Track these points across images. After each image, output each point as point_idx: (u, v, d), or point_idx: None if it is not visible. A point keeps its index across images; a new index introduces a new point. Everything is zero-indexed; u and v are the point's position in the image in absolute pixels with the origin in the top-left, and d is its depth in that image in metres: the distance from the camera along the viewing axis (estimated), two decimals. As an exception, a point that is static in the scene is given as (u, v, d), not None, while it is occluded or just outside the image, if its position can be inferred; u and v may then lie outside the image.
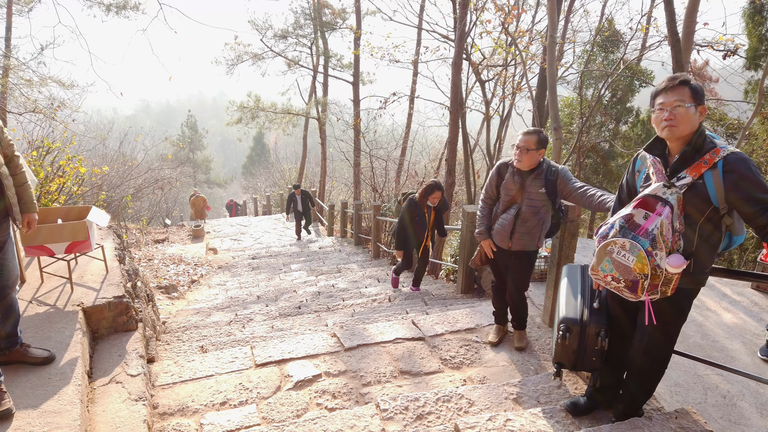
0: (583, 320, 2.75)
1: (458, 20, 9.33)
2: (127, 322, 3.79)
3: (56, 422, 2.53)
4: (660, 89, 2.28)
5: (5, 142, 2.70)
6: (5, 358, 2.93)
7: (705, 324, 4.49)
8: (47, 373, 2.91)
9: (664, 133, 2.26)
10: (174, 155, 30.05)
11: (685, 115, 2.20)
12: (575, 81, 15.70)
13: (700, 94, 2.22)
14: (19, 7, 14.00)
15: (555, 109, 7.71)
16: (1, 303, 2.87)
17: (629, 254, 2.26)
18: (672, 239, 2.23)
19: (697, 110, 2.21)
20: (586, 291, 2.87)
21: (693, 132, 2.24)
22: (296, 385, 3.50)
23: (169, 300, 7.52)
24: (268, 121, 22.50)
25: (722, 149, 2.18)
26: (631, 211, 2.31)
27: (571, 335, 2.75)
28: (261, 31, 20.73)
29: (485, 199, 3.92)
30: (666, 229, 2.21)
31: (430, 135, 23.60)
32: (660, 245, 2.20)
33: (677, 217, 2.23)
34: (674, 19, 6.17)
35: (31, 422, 2.52)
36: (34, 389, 2.78)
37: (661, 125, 2.25)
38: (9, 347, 2.95)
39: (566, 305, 2.86)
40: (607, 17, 14.78)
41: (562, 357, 2.84)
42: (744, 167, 2.12)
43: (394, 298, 6.42)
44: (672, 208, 2.22)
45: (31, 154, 7.63)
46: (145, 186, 18.91)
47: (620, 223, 2.32)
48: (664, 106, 2.24)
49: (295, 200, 14.40)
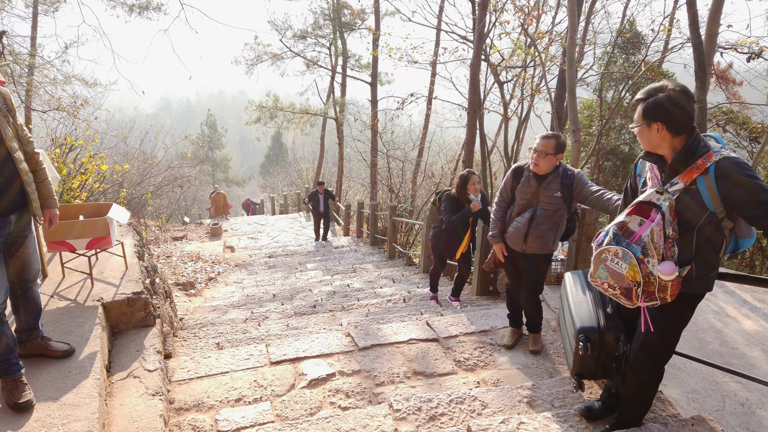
0: (600, 327, 2.66)
1: (477, 21, 9.31)
2: (145, 317, 3.84)
3: (75, 415, 2.58)
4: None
5: (25, 139, 2.76)
6: (27, 351, 3.00)
7: (724, 331, 4.42)
8: (67, 367, 2.97)
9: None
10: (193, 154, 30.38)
11: (638, 134, 2.30)
12: (595, 83, 15.53)
13: (649, 112, 2.22)
14: (45, 7, 14.29)
15: (574, 111, 7.65)
16: (24, 297, 2.93)
17: (622, 262, 2.25)
18: (665, 246, 2.22)
19: (652, 127, 2.23)
20: (596, 297, 2.81)
21: (656, 148, 2.28)
22: (310, 384, 3.52)
23: (186, 297, 7.61)
24: (287, 120, 22.66)
25: (715, 153, 2.15)
26: (624, 219, 2.31)
27: (591, 345, 2.66)
28: (281, 31, 20.91)
29: (499, 202, 3.90)
30: (657, 236, 2.20)
31: (448, 136, 23.55)
32: (651, 252, 2.19)
33: (669, 223, 2.22)
34: (697, 20, 6.09)
35: (51, 414, 2.58)
36: (54, 382, 2.84)
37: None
38: (31, 340, 3.01)
39: (579, 314, 2.76)
40: (628, 18, 14.59)
41: (582, 368, 2.74)
42: (736, 172, 2.09)
43: (408, 299, 6.42)
44: (663, 215, 2.21)
45: (54, 151, 7.78)
46: (164, 184, 19.15)
47: (614, 230, 2.32)
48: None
49: (316, 199, 13.40)
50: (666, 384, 3.28)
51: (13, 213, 2.67)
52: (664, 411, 3.00)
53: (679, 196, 2.22)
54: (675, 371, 3.46)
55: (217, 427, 3.03)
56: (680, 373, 3.47)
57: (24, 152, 2.73)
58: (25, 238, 2.82)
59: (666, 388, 3.25)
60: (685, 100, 2.18)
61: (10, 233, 2.70)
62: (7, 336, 2.69)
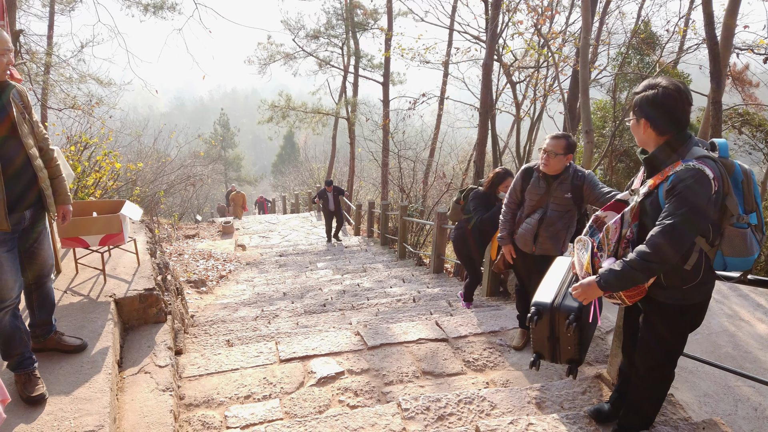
0: (553, 305, 2.62)
1: (490, 21, 9.28)
2: (156, 314, 3.88)
3: (87, 409, 2.61)
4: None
5: (40, 136, 2.79)
6: (40, 345, 3.04)
7: (737, 334, 4.37)
8: (79, 361, 3.01)
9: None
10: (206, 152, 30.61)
11: (631, 128, 2.28)
12: (609, 84, 15.42)
13: (639, 107, 2.19)
14: (62, 6, 14.46)
15: (587, 112, 7.60)
16: (38, 292, 2.97)
17: (585, 252, 2.28)
18: (620, 245, 2.22)
19: (640, 123, 2.21)
20: (568, 279, 2.76)
21: (649, 143, 2.24)
22: (319, 382, 3.53)
23: (197, 294, 7.66)
24: (299, 120, 22.74)
25: (683, 162, 2.08)
26: (601, 213, 2.35)
27: (540, 320, 2.63)
28: (293, 31, 20.99)
29: (509, 204, 3.87)
30: (612, 233, 2.21)
31: (459, 136, 23.49)
32: (603, 247, 2.20)
33: (627, 224, 2.21)
34: (712, 21, 6.03)
35: (63, 408, 2.61)
36: (66, 376, 2.87)
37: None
38: (44, 335, 3.05)
39: (541, 289, 2.74)
40: (643, 19, 14.48)
41: (537, 345, 2.74)
42: (678, 183, 2.04)
43: (418, 298, 6.41)
44: (623, 215, 2.22)
45: (70, 149, 7.87)
46: (177, 182, 19.27)
47: (590, 222, 2.37)
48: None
49: (326, 198, 12.91)
50: (678, 387, 3.25)
51: (28, 209, 2.70)
52: (675, 414, 2.97)
53: (644, 199, 2.21)
54: (687, 375, 3.42)
55: (226, 424, 3.05)
56: (692, 376, 3.43)
57: (39, 149, 2.77)
58: (39, 233, 2.86)
59: (677, 391, 3.22)
60: (676, 99, 2.11)
61: (26, 229, 2.74)
62: (21, 330, 2.73)
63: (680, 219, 2.01)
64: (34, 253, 2.85)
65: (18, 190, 2.60)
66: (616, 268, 2.12)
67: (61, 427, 2.49)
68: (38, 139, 2.78)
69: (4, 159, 2.50)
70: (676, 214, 2.01)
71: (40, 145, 2.79)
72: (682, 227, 2.01)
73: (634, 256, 2.09)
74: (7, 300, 2.61)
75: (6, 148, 2.53)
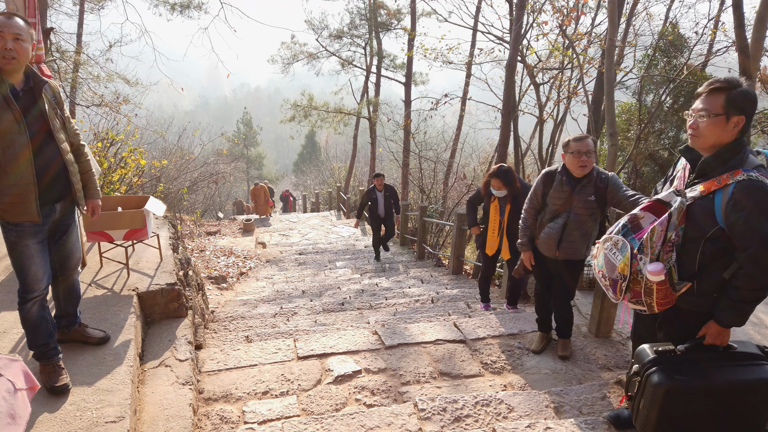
0: None
1: (514, 22, 9.22)
2: (177, 308, 3.94)
3: (108, 400, 2.66)
4: (697, 93, 2.19)
5: (72, 132, 2.85)
6: (65, 337, 3.11)
7: (763, 343, 4.27)
8: (102, 353, 3.07)
9: (689, 141, 2.20)
10: (229, 151, 30.88)
11: (708, 125, 2.10)
12: (634, 86, 15.17)
13: (736, 103, 2.05)
14: (91, 5, 14.75)
15: (612, 115, 7.49)
16: (65, 284, 3.04)
17: (618, 253, 2.21)
18: (663, 249, 2.14)
19: (731, 121, 2.07)
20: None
21: (721, 144, 2.12)
22: (336, 380, 3.55)
23: (218, 290, 7.75)
24: (320, 119, 22.83)
25: (743, 172, 2.03)
26: (638, 212, 2.26)
27: None
28: (317, 30, 21.10)
29: (529, 209, 3.80)
30: (657, 235, 2.12)
31: (481, 137, 23.31)
32: (646, 250, 2.12)
33: (674, 227, 2.14)
34: (743, 23, 5.90)
35: (86, 398, 2.67)
36: (89, 367, 2.93)
37: (688, 132, 2.19)
38: (69, 326, 3.12)
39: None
40: (671, 21, 14.21)
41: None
42: (749, 201, 1.99)
43: (437, 299, 6.40)
44: (671, 216, 2.13)
45: (96, 145, 8.03)
46: (200, 179, 19.49)
47: (624, 221, 2.28)
48: (693, 111, 2.16)
49: (374, 198, 9.57)
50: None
51: (58, 202, 2.77)
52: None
53: (693, 203, 2.14)
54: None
55: (244, 419, 3.08)
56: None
57: (70, 144, 2.83)
58: (68, 226, 2.92)
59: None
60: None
61: (55, 221, 2.81)
62: (47, 321, 2.79)
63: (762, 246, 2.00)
64: (63, 245, 2.92)
65: (49, 183, 2.66)
66: (733, 310, 2.12)
67: (84, 417, 2.54)
68: (70, 134, 2.84)
69: (37, 153, 2.56)
70: (755, 238, 2.00)
71: (72, 140, 2.85)
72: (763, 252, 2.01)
73: (742, 293, 2.08)
74: (36, 291, 2.67)
75: (38, 143, 2.59)
